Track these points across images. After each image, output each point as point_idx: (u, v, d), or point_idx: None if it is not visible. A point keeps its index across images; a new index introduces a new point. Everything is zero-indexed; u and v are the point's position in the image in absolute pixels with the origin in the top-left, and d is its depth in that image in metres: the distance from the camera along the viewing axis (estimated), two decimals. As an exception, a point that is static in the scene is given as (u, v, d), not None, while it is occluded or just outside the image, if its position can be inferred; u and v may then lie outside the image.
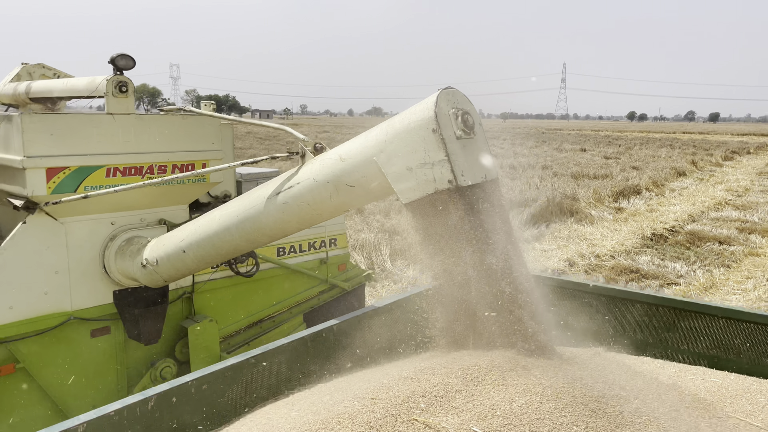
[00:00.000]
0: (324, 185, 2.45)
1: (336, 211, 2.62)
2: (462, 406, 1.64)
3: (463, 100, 2.20)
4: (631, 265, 9.85)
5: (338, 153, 2.45)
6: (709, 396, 2.21)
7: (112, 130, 3.34)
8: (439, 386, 1.72)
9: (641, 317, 3.13)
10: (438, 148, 2.04)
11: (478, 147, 2.18)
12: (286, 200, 2.62)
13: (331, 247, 4.84)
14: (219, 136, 3.79)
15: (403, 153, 2.14)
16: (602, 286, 3.26)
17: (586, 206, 14.68)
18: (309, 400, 1.85)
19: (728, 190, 19.08)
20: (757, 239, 11.97)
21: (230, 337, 4.30)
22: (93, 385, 3.62)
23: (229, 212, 2.94)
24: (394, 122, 2.23)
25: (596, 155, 32.73)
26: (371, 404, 1.65)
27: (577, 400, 1.70)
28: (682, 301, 3.05)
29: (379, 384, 1.78)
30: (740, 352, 2.87)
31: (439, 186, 2.05)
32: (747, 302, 8.09)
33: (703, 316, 2.96)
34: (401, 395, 1.68)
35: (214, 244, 3.01)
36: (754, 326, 2.83)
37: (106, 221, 3.51)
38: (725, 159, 32.19)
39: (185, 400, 2.10)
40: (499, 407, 1.63)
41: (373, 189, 2.34)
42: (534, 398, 1.67)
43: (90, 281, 3.49)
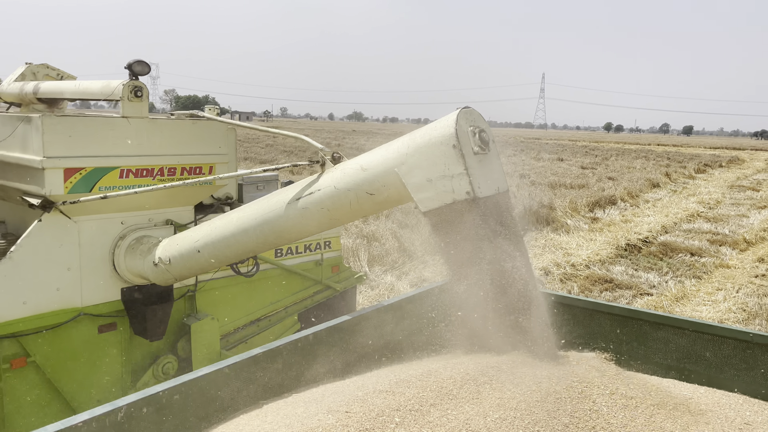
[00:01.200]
0: (345, 192, 2.62)
1: (353, 216, 2.76)
2: (436, 420, 1.64)
3: (479, 119, 2.39)
4: (606, 274, 9.98)
5: (359, 163, 2.61)
6: (681, 408, 2.24)
7: (126, 133, 3.47)
8: (414, 400, 1.72)
9: (611, 329, 3.17)
10: (458, 162, 2.23)
11: (492, 162, 2.38)
12: (307, 206, 2.77)
13: (325, 249, 5.00)
14: (226, 140, 3.93)
15: (424, 165, 2.31)
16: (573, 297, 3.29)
17: (562, 216, 14.85)
18: (282, 412, 1.84)
19: (700, 203, 19.46)
20: (727, 251, 12.22)
21: (229, 335, 4.42)
22: (99, 379, 3.72)
23: (247, 215, 3.06)
24: (415, 137, 2.40)
25: (573, 165, 33.16)
26: (345, 418, 1.64)
27: (550, 415, 1.71)
28: (652, 313, 3.09)
29: (353, 397, 1.78)
30: (711, 366, 2.93)
31: (458, 197, 2.24)
32: (717, 313, 8.25)
33: (672, 328, 3.01)
34: (375, 409, 1.68)
35: (230, 244, 3.14)
36: (722, 340, 2.88)
37: (117, 221, 3.62)
38: (698, 171, 32.82)
39: (155, 412, 2.06)
40: (473, 422, 1.63)
41: (391, 197, 2.52)
42: (508, 413, 1.68)
43: (99, 278, 3.59)
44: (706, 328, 2.96)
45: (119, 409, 1.96)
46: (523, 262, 2.27)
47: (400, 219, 12.79)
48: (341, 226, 5.52)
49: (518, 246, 2.30)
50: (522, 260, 2.27)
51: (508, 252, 2.23)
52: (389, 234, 11.41)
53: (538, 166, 31.22)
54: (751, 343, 2.85)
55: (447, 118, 2.33)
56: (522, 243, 2.34)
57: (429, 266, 10.07)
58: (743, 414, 2.31)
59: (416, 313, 3.27)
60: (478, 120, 2.37)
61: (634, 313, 3.19)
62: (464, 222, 2.22)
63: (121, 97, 3.48)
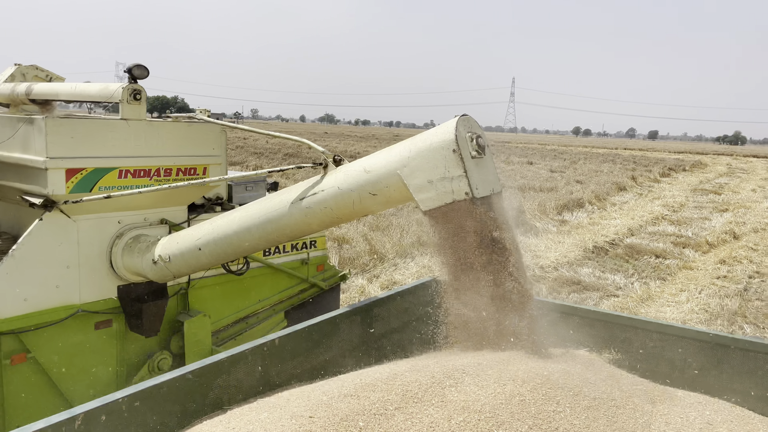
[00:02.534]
0: (348, 193, 2.76)
1: (355, 215, 2.89)
2: (400, 424, 1.63)
3: (476, 126, 2.58)
4: (573, 276, 10.12)
5: (362, 165, 2.76)
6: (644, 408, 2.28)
7: (125, 135, 3.57)
8: (379, 404, 1.71)
9: (579, 330, 3.21)
10: (457, 165, 2.41)
11: (487, 165, 2.57)
12: (310, 205, 2.90)
13: (311, 248, 5.15)
14: (218, 142, 4.03)
15: (425, 168, 2.48)
16: None
17: (531, 218, 15.03)
18: (246, 418, 1.81)
19: (665, 206, 19.91)
20: (690, 253, 12.52)
21: (219, 332, 4.50)
22: (95, 374, 3.81)
23: (250, 214, 3.18)
24: (416, 141, 2.57)
25: (542, 168, 33.62)
26: (309, 423, 1.63)
27: (514, 417, 1.72)
28: (617, 315, 3.14)
29: (318, 401, 1.76)
30: (673, 366, 2.98)
31: (457, 197, 2.42)
32: (680, 314, 8.44)
33: (636, 329, 3.06)
34: (340, 413, 1.66)
35: (232, 243, 3.26)
36: (683, 340, 2.95)
37: (114, 220, 3.70)
38: (663, 175, 33.60)
39: (114, 419, 2.01)
40: (438, 425, 1.63)
41: (392, 198, 2.67)
42: (472, 416, 1.68)
43: (97, 276, 3.68)
44: (668, 329, 3.02)
45: (76, 417, 1.91)
46: (516, 258, 2.45)
47: (371, 222, 12.79)
48: None
49: (511, 243, 2.47)
50: (515, 256, 2.45)
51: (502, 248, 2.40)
52: (360, 237, 11.40)
53: (508, 169, 31.57)
54: (711, 344, 2.91)
55: (447, 124, 2.52)
56: (515, 240, 2.51)
57: (400, 269, 10.09)
58: (704, 414, 2.35)
59: (384, 316, 3.27)
60: (474, 126, 2.56)
61: (601, 315, 3.24)
62: (463, 220, 2.42)
63: (121, 99, 3.58)
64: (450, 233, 2.46)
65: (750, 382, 2.81)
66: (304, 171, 3.57)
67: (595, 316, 3.23)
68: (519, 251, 2.51)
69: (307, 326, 2.78)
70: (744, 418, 2.48)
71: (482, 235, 2.39)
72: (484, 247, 2.39)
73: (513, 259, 2.43)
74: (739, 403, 2.74)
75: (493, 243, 2.39)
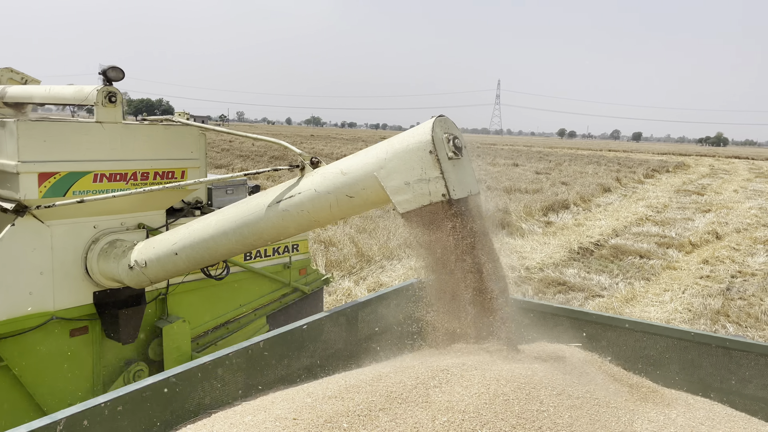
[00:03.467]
0: (325, 195, 2.72)
1: (332, 218, 2.85)
2: (385, 425, 1.63)
3: (453, 127, 2.56)
4: (559, 277, 10.19)
5: (339, 167, 2.72)
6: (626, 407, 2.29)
7: (100, 138, 3.49)
8: (363, 405, 1.71)
9: (564, 331, 3.23)
10: (434, 166, 2.39)
11: (465, 166, 2.55)
12: (287, 208, 2.86)
13: (293, 252, 5.07)
14: (197, 145, 3.96)
15: (402, 170, 2.46)
16: None
17: (517, 220, 15.11)
18: (230, 421, 1.80)
19: (649, 207, 20.11)
20: (674, 254, 12.65)
21: (199, 338, 4.43)
22: (70, 382, 3.71)
23: (227, 218, 3.12)
24: (393, 143, 2.55)
25: (528, 170, 33.81)
26: (293, 425, 1.62)
27: (498, 416, 1.73)
28: (602, 315, 3.17)
29: (302, 403, 1.75)
30: (656, 364, 3.02)
31: (434, 198, 2.41)
32: (664, 314, 8.52)
33: (620, 329, 3.09)
34: (324, 415, 1.66)
35: (208, 247, 3.19)
36: (666, 339, 2.98)
37: (89, 225, 3.61)
38: (647, 177, 33.94)
39: (97, 424, 1.99)
40: (422, 426, 1.63)
41: (369, 200, 2.64)
42: (456, 416, 1.68)
43: (72, 282, 3.59)
44: (650, 328, 3.05)
45: (58, 422, 1.88)
46: (492, 259, 2.45)
47: (358, 224, 12.79)
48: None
49: (488, 244, 2.48)
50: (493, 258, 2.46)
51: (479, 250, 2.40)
52: (347, 239, 11.39)
53: (494, 171, 31.72)
54: (693, 342, 2.95)
55: (423, 125, 2.49)
56: (491, 241, 2.51)
57: (387, 271, 10.09)
58: (686, 412, 2.38)
59: (369, 318, 3.27)
60: (451, 127, 2.54)
61: (586, 315, 3.26)
62: (440, 222, 2.41)
63: (96, 102, 3.50)
64: (428, 235, 2.45)
65: (732, 381, 2.85)
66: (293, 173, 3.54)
67: (580, 316, 3.26)
68: (496, 252, 2.52)
69: (291, 329, 2.77)
70: (726, 416, 2.51)
71: (460, 237, 2.38)
72: (461, 248, 2.38)
73: (490, 260, 2.43)
74: (721, 401, 2.78)
75: (471, 244, 2.39)
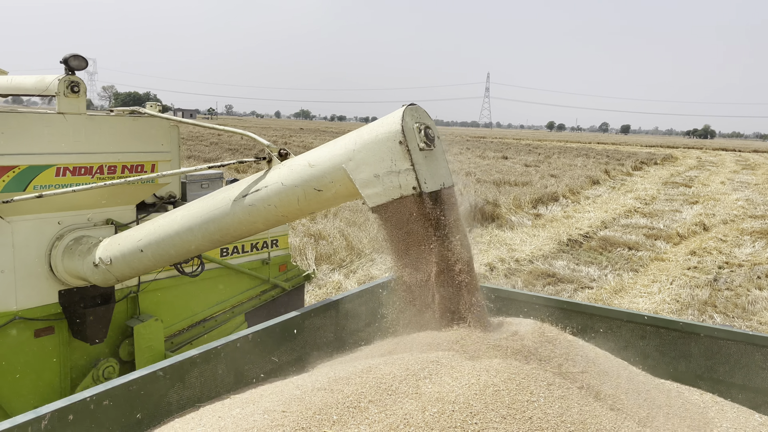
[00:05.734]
0: (292, 189, 2.59)
1: (301, 213, 2.73)
2: (374, 416, 1.62)
3: (425, 116, 2.43)
4: (548, 269, 10.23)
5: (307, 159, 2.59)
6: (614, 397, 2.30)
7: (62, 130, 3.33)
8: (353, 397, 1.69)
9: (554, 322, 3.24)
10: (404, 158, 2.27)
11: (437, 158, 2.43)
12: (253, 203, 2.73)
13: (272, 248, 4.95)
14: (168, 137, 3.82)
15: (371, 161, 2.34)
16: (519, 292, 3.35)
17: (506, 212, 15.14)
18: (218, 414, 1.78)
19: (637, 199, 20.24)
20: (662, 245, 12.74)
21: (174, 336, 4.32)
22: (36, 385, 3.59)
23: (192, 213, 2.99)
24: (362, 133, 2.43)
25: (517, 163, 33.89)
26: (281, 417, 1.60)
27: (488, 407, 1.72)
28: (591, 306, 3.18)
29: (291, 396, 1.74)
30: (645, 354, 3.03)
31: (405, 192, 2.29)
32: (652, 305, 8.58)
33: (609, 320, 3.10)
34: (313, 407, 1.64)
35: (174, 243, 3.06)
36: (655, 329, 2.99)
37: (53, 221, 3.47)
38: (635, 169, 34.13)
39: (83, 418, 1.97)
40: (412, 417, 1.62)
41: (339, 193, 2.51)
42: (446, 406, 1.67)
43: (35, 281, 3.45)
44: (639, 318, 3.06)
45: (42, 417, 1.86)
46: (466, 255, 2.35)
47: (348, 217, 12.75)
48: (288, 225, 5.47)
49: (463, 240, 2.37)
50: (465, 253, 2.35)
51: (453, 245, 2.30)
52: (337, 232, 11.36)
53: (484, 164, 31.76)
54: (682, 332, 2.96)
55: (393, 114, 2.38)
56: (466, 237, 2.40)
57: (377, 264, 10.07)
58: (673, 401, 2.39)
59: (358, 311, 3.26)
60: (423, 117, 2.42)
61: (575, 306, 3.27)
62: (411, 216, 2.30)
63: (57, 92, 3.35)
64: (399, 230, 2.34)
65: (721, 370, 2.86)
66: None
67: (570, 306, 3.26)
68: (469, 247, 2.41)
69: (280, 322, 2.76)
70: (715, 405, 2.53)
71: (432, 233, 2.29)
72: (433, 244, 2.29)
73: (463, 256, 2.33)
74: (710, 390, 2.80)
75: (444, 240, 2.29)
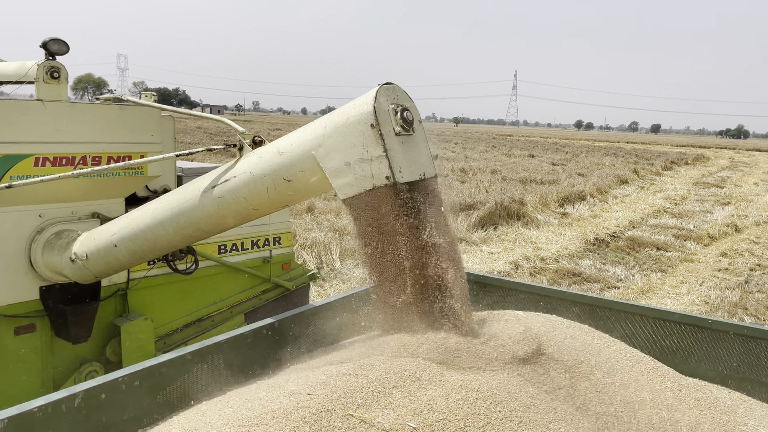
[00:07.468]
0: (261, 179, 2.39)
1: (273, 206, 2.53)
2: (398, 401, 1.64)
3: (404, 97, 2.18)
4: (574, 268, 10.12)
5: (276, 146, 2.37)
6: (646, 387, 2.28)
7: (41, 118, 3.16)
8: (377, 382, 1.71)
9: (578, 318, 3.21)
10: (376, 143, 2.03)
11: (418, 144, 2.17)
12: (222, 194, 2.54)
13: (275, 246, 4.76)
14: (159, 128, 3.63)
15: (341, 148, 2.11)
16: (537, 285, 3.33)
17: (532, 210, 15.02)
18: (245, 396, 1.81)
19: (667, 199, 19.89)
20: (692, 246, 12.50)
21: (167, 336, 4.16)
22: (16, 384, 3.45)
23: (163, 206, 2.83)
24: (333, 116, 2.19)
25: (544, 161, 33.54)
26: (307, 400, 1.63)
27: (511, 396, 1.73)
28: (616, 302, 3.14)
29: (316, 380, 1.76)
30: (674, 353, 2.98)
31: (377, 182, 2.04)
32: (681, 306, 8.44)
33: (635, 316, 3.06)
34: (338, 391, 1.67)
35: (147, 238, 2.89)
36: (685, 327, 2.95)
37: (34, 213, 3.32)
38: (665, 169, 33.53)
39: (114, 397, 2.02)
40: (435, 403, 1.63)
41: (311, 184, 2.29)
42: (470, 394, 1.68)
43: (14, 276, 3.30)
44: (667, 315, 3.02)
45: (76, 395, 1.91)
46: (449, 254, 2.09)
47: (372, 213, 12.77)
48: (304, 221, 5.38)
49: (445, 236, 2.11)
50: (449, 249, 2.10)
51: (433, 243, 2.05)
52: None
53: (510, 162, 31.52)
54: (711, 330, 2.91)
55: (366, 95, 2.13)
56: (450, 233, 2.15)
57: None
58: (702, 400, 2.35)
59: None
60: (401, 97, 2.16)
61: (599, 301, 3.23)
62: (386, 210, 2.04)
63: (36, 78, 3.19)
64: (371, 226, 2.08)
65: (750, 369, 2.81)
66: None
67: (593, 302, 3.23)
68: (454, 245, 2.15)
69: (309, 309, 2.78)
70: (744, 405, 2.48)
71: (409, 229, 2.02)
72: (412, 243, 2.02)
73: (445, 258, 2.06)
74: (739, 389, 2.75)
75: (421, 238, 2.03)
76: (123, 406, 2.05)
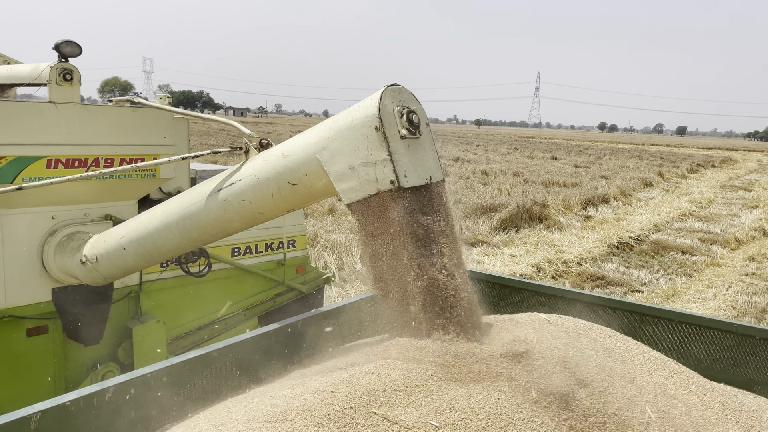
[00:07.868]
0: (266, 183, 2.36)
1: (279, 210, 2.50)
2: (421, 400, 1.66)
3: (410, 98, 2.14)
4: (597, 272, 10.03)
5: (281, 149, 2.35)
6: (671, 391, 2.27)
7: (54, 120, 3.18)
8: (400, 381, 1.74)
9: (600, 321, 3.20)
10: (380, 147, 1.99)
11: (424, 148, 2.13)
12: (227, 198, 2.52)
13: (289, 249, 4.73)
14: (172, 130, 3.63)
15: (346, 151, 2.08)
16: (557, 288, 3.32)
17: (555, 213, 14.90)
18: (269, 393, 1.85)
19: (692, 202, 19.58)
20: (718, 250, 12.30)
21: (179, 339, 4.17)
22: (29, 386, 3.46)
23: (170, 209, 2.82)
24: (338, 119, 2.17)
25: (567, 164, 33.25)
26: (331, 397, 1.66)
27: (532, 395, 1.74)
28: (640, 305, 3.12)
29: (339, 378, 1.79)
30: (699, 357, 2.96)
31: (381, 186, 2.01)
32: (707, 311, 8.31)
33: (659, 320, 3.04)
34: (361, 389, 1.70)
35: (154, 241, 2.89)
36: (709, 331, 2.92)
37: (47, 215, 3.34)
38: (691, 171, 33.01)
39: (143, 393, 2.08)
40: (458, 402, 1.65)
41: (316, 188, 2.26)
42: (492, 394, 1.70)
43: (27, 278, 3.32)
44: (692, 319, 2.99)
45: (106, 390, 1.97)
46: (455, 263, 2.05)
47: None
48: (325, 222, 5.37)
49: (451, 244, 2.06)
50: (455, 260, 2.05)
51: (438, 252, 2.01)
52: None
53: (532, 164, 31.31)
54: (736, 334, 2.88)
55: (371, 97, 2.09)
56: (455, 241, 2.10)
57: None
58: (727, 404, 2.33)
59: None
60: (408, 99, 2.11)
61: (622, 304, 3.21)
62: (389, 216, 2.00)
63: (49, 80, 3.20)
64: (377, 232, 2.05)
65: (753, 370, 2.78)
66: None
67: (617, 305, 3.21)
68: (459, 252, 2.10)
69: (332, 308, 2.82)
70: None
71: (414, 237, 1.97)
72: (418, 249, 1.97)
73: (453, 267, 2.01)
74: (764, 393, 2.72)
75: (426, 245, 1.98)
76: (152, 401, 2.11)
